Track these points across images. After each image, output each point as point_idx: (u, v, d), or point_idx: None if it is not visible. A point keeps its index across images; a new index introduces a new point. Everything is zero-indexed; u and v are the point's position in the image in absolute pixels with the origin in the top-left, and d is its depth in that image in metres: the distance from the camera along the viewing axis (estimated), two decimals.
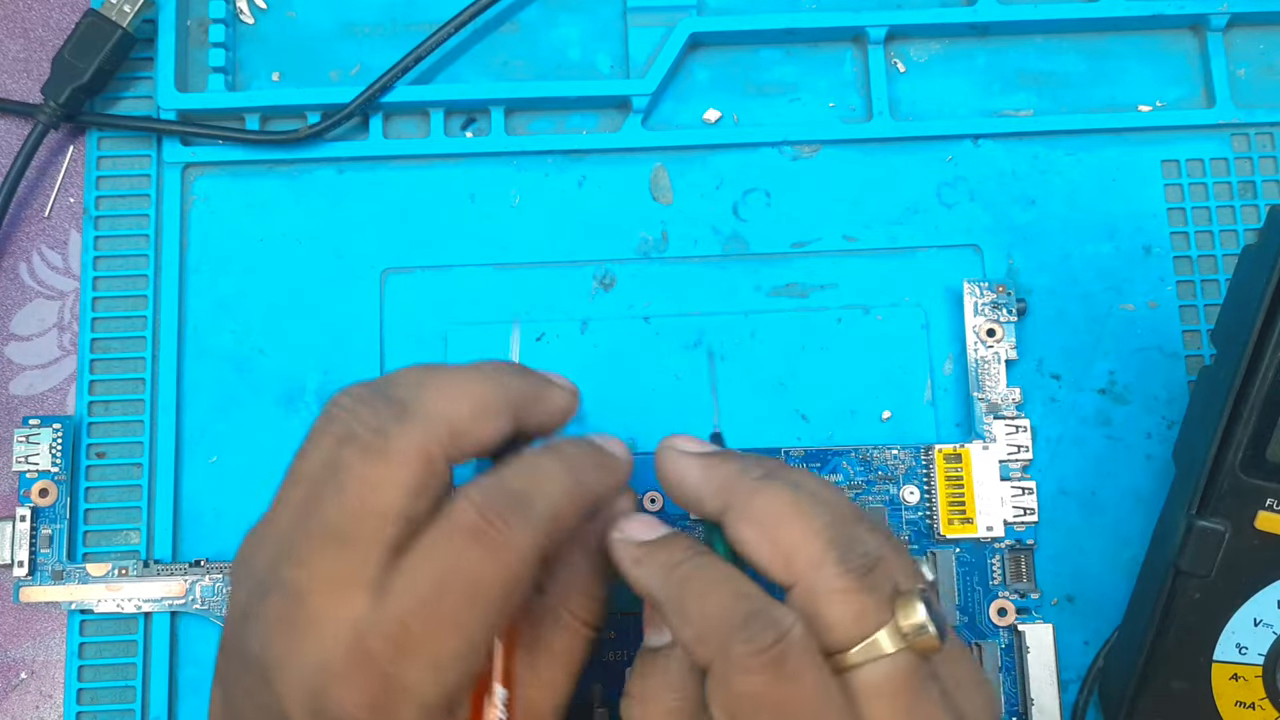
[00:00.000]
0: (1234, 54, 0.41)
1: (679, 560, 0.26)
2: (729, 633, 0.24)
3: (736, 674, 0.24)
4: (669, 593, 0.26)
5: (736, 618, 0.24)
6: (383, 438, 0.25)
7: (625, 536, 0.28)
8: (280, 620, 0.25)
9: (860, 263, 0.40)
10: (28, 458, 0.37)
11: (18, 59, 0.42)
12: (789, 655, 0.24)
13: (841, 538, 0.25)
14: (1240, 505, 0.33)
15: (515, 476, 0.26)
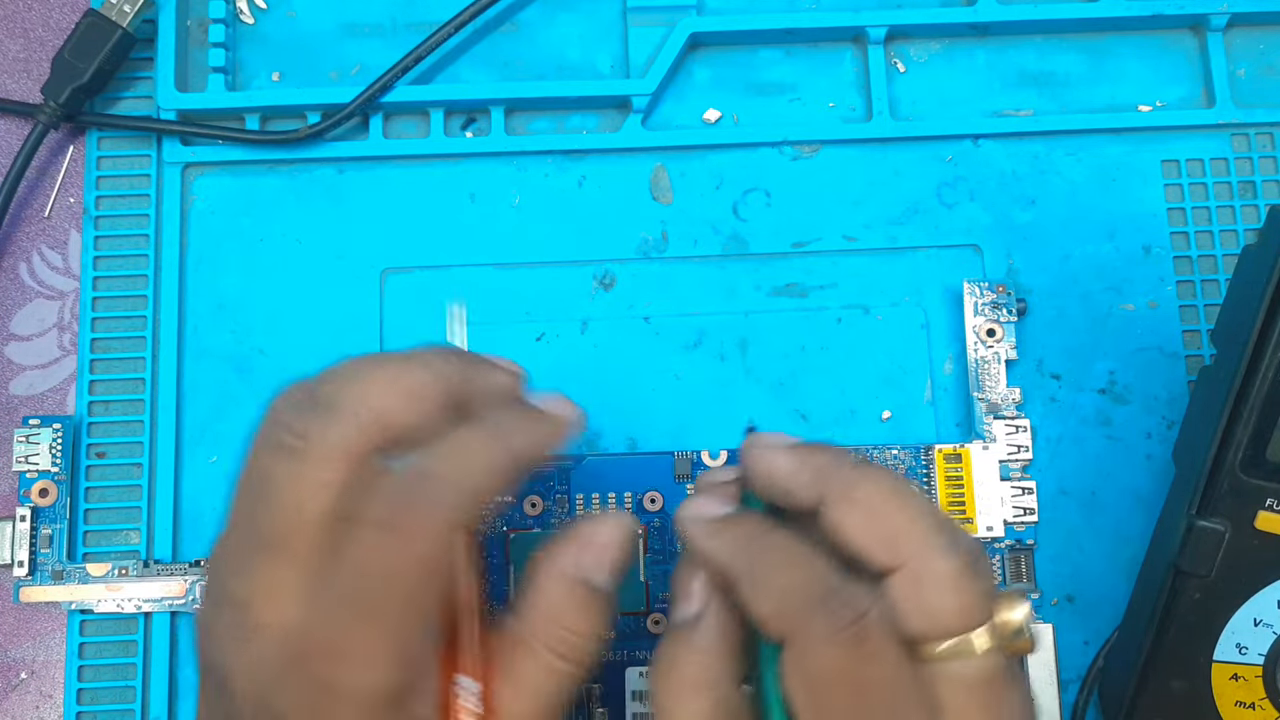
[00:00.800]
0: (1234, 54, 0.41)
1: (756, 534, 0.26)
2: (810, 607, 0.24)
3: (817, 648, 0.24)
4: (746, 565, 0.25)
5: (817, 593, 0.24)
6: (304, 440, 0.25)
7: (697, 513, 0.27)
8: (229, 630, 0.25)
9: (860, 263, 0.40)
10: (28, 457, 0.37)
11: (18, 59, 0.42)
12: (870, 634, 0.24)
13: (947, 526, 0.25)
14: (1240, 505, 0.33)
15: (427, 456, 0.25)
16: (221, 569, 0.26)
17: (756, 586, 0.25)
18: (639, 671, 0.36)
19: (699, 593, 0.26)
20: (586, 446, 0.38)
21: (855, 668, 0.23)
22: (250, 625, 0.24)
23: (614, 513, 0.29)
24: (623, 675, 0.36)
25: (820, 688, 0.24)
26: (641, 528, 0.37)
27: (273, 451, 0.25)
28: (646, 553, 0.37)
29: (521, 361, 0.39)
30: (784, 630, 0.24)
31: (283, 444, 0.25)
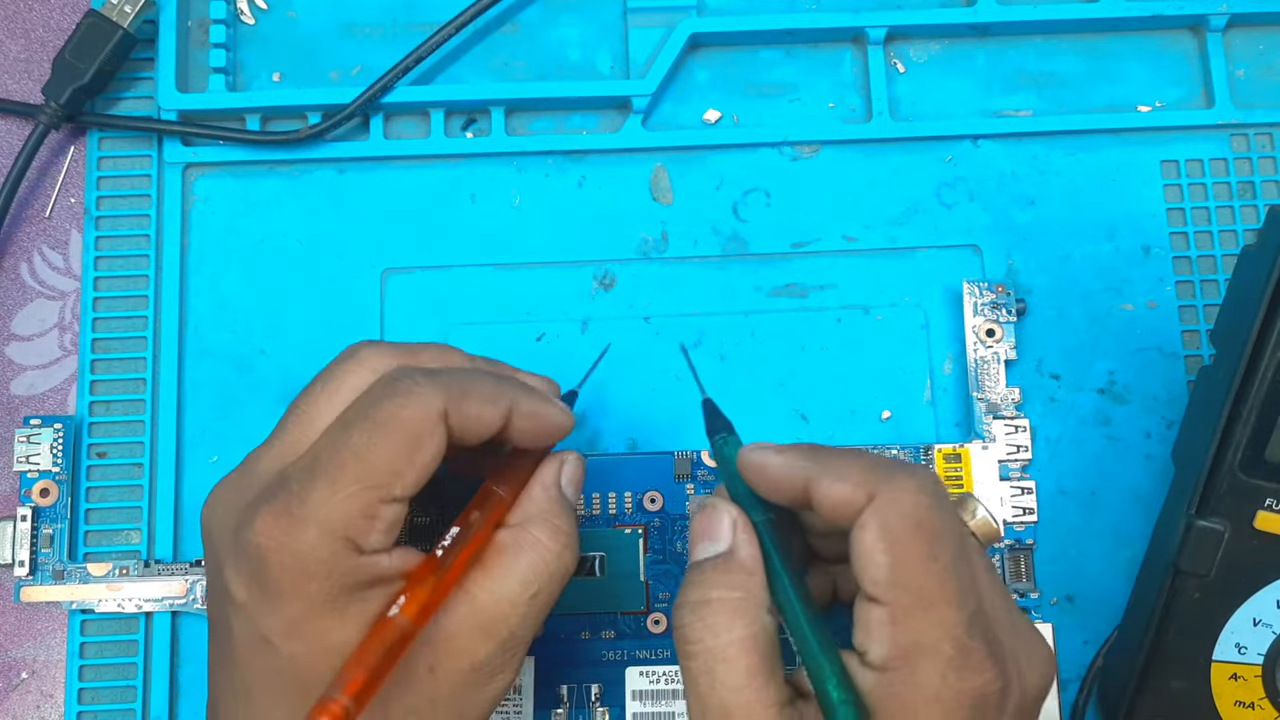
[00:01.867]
0: (1233, 54, 0.42)
1: (817, 448, 0.29)
2: (893, 470, 0.27)
3: (905, 496, 0.26)
4: (819, 464, 0.28)
5: (890, 463, 0.28)
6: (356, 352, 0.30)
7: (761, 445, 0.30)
8: (228, 483, 0.29)
9: (860, 263, 0.40)
10: (29, 457, 0.37)
11: (19, 60, 0.42)
12: (943, 495, 0.27)
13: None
14: (1239, 505, 0.33)
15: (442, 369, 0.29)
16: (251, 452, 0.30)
17: (832, 474, 0.27)
18: (639, 671, 0.36)
19: (726, 531, 0.29)
20: (586, 446, 0.39)
21: (933, 516, 0.26)
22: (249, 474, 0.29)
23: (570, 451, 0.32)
24: (623, 675, 0.36)
25: (902, 534, 0.26)
26: (642, 527, 0.37)
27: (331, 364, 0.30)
28: (647, 553, 0.37)
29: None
30: (870, 491, 0.27)
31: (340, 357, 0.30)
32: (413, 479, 0.27)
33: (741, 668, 0.27)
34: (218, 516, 0.29)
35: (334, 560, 0.26)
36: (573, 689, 0.36)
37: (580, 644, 0.36)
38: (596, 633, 0.37)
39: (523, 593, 0.28)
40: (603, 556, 0.37)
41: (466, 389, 0.28)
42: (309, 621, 0.26)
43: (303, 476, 0.27)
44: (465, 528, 0.29)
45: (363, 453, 0.26)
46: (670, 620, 0.36)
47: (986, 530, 0.28)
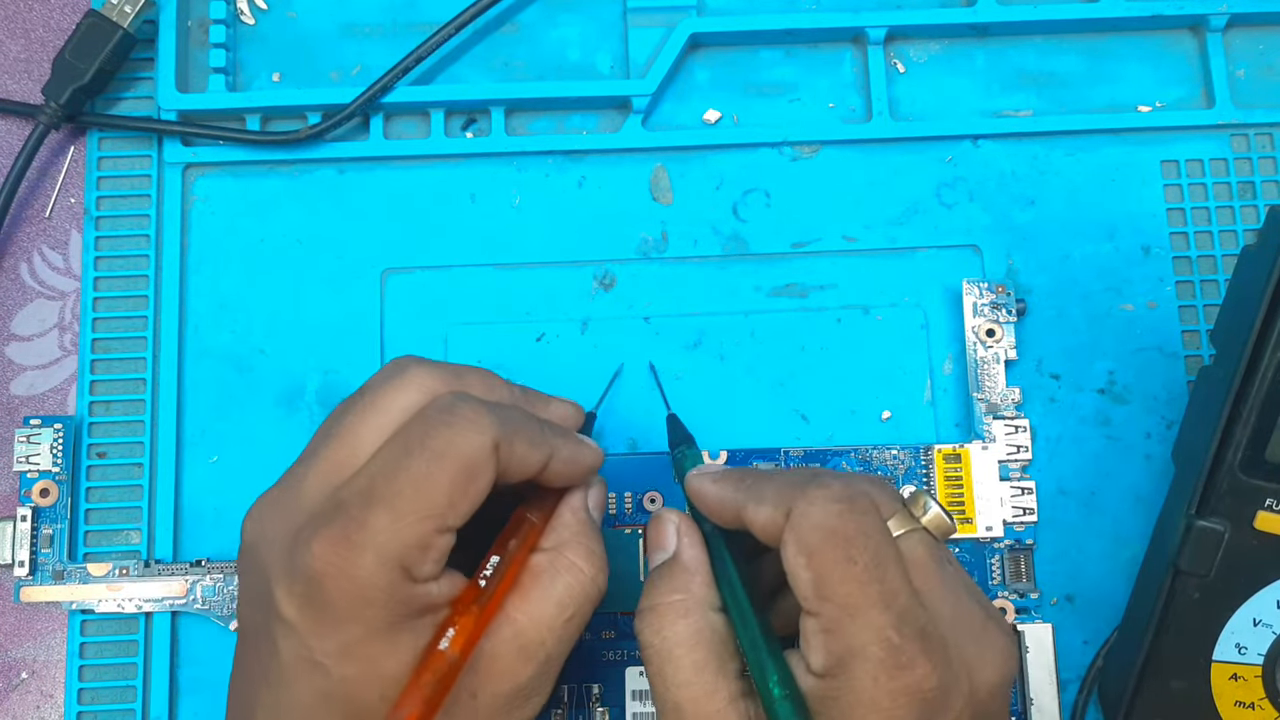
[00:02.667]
0: (1233, 54, 0.42)
1: (748, 475, 0.30)
2: (804, 483, 0.28)
3: (814, 510, 0.27)
4: (745, 490, 0.29)
5: (807, 476, 0.29)
6: (404, 370, 0.30)
7: (701, 471, 0.32)
8: (273, 502, 0.29)
9: (860, 263, 0.40)
10: (29, 458, 0.37)
11: (19, 60, 0.42)
12: (856, 498, 0.28)
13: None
14: (1239, 505, 0.33)
15: (493, 402, 0.29)
16: (292, 467, 0.30)
17: (754, 499, 0.29)
18: (639, 671, 0.36)
19: (671, 539, 0.31)
20: None
21: (845, 524, 0.27)
22: (298, 493, 0.28)
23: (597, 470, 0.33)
24: (623, 675, 0.36)
25: (817, 547, 0.27)
26: (642, 527, 0.37)
27: (375, 378, 0.30)
28: (647, 553, 0.37)
29: (521, 361, 0.39)
30: (782, 508, 0.28)
31: (386, 371, 0.30)
32: (466, 509, 0.27)
33: (687, 664, 0.28)
34: (266, 534, 0.28)
35: (391, 588, 0.26)
36: (572, 689, 0.36)
37: (580, 644, 0.36)
38: (596, 633, 0.37)
39: (559, 615, 0.29)
40: None
41: (517, 428, 0.29)
42: (363, 646, 0.27)
43: (360, 501, 0.27)
44: (504, 556, 0.29)
45: (422, 482, 0.27)
46: None
47: (939, 525, 0.29)
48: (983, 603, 0.29)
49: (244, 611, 0.29)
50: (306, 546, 0.27)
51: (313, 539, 0.26)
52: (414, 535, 0.26)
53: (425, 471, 0.27)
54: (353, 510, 0.27)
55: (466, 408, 0.28)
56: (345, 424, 0.29)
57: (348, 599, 0.26)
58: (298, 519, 0.28)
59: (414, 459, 0.27)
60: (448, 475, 0.27)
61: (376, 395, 0.29)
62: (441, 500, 0.27)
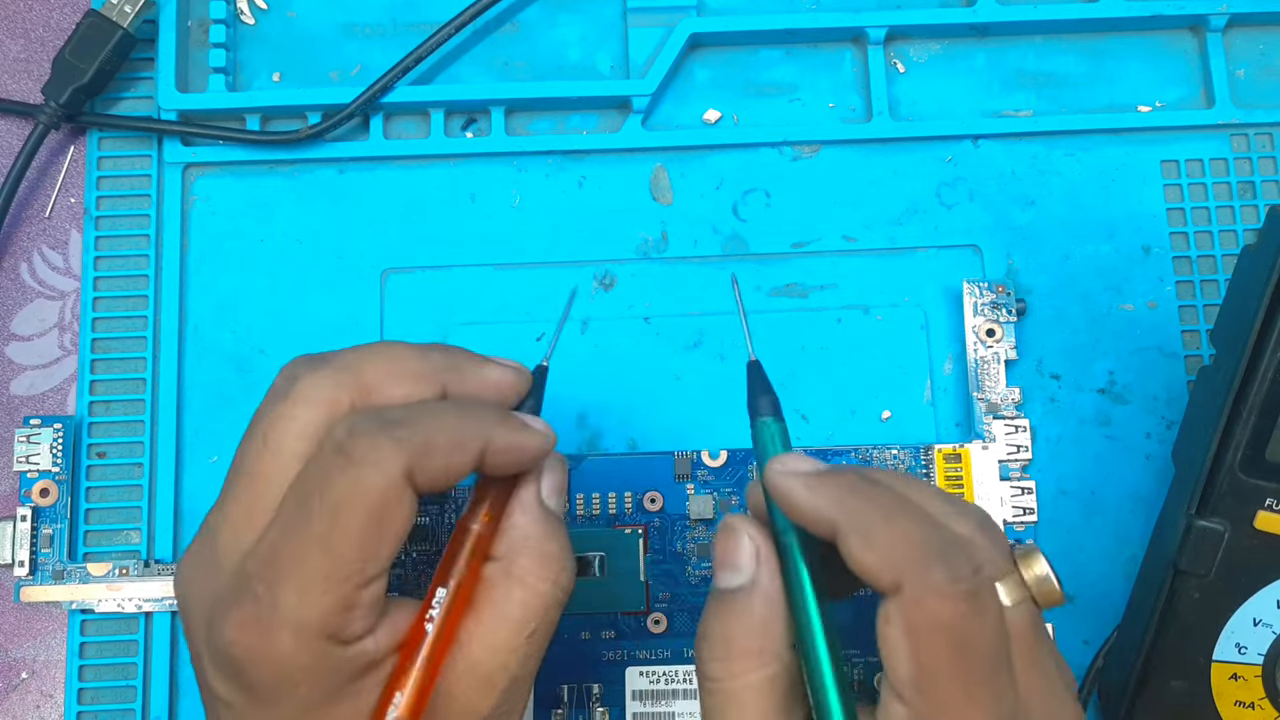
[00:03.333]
0: (1233, 54, 0.42)
1: (860, 484, 0.25)
2: (928, 557, 0.24)
3: (932, 599, 0.23)
4: (851, 516, 0.25)
5: (935, 544, 0.24)
6: (291, 383, 0.26)
7: (793, 468, 0.26)
8: (192, 560, 0.27)
9: (860, 263, 0.40)
10: (28, 457, 0.37)
11: (18, 59, 0.42)
12: (984, 589, 0.24)
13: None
14: (1239, 505, 0.33)
15: (397, 409, 0.26)
16: (209, 513, 0.27)
17: (863, 537, 0.24)
18: (639, 671, 0.36)
19: (748, 561, 0.26)
20: (587, 447, 0.39)
21: (966, 623, 0.23)
22: (213, 553, 0.26)
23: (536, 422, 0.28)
24: (623, 675, 0.36)
25: (928, 640, 0.23)
26: (642, 527, 0.37)
27: (268, 397, 0.27)
28: (647, 552, 0.37)
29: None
30: (894, 580, 0.24)
31: (274, 387, 0.27)
32: (387, 554, 0.25)
33: (755, 712, 0.25)
34: (190, 600, 0.27)
35: (317, 662, 0.24)
36: (573, 689, 0.36)
37: (580, 644, 0.36)
38: (596, 633, 0.37)
39: (518, 635, 0.26)
40: (603, 556, 0.37)
41: (430, 440, 0.25)
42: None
43: (266, 576, 0.24)
44: (449, 582, 0.26)
45: (327, 544, 0.24)
46: (670, 621, 0.37)
47: (1048, 594, 0.25)
48: (1068, 683, 0.26)
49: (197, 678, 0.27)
50: (220, 630, 0.25)
51: (224, 623, 0.25)
52: (330, 602, 0.24)
53: (327, 530, 0.24)
54: (259, 587, 0.24)
55: (362, 440, 0.24)
56: (245, 468, 0.26)
57: (272, 681, 0.24)
58: (214, 586, 0.26)
59: (313, 518, 0.24)
60: (355, 528, 0.24)
61: (265, 426, 0.26)
62: (354, 555, 0.24)
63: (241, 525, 0.26)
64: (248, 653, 0.24)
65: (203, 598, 0.26)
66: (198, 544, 0.27)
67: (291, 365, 0.27)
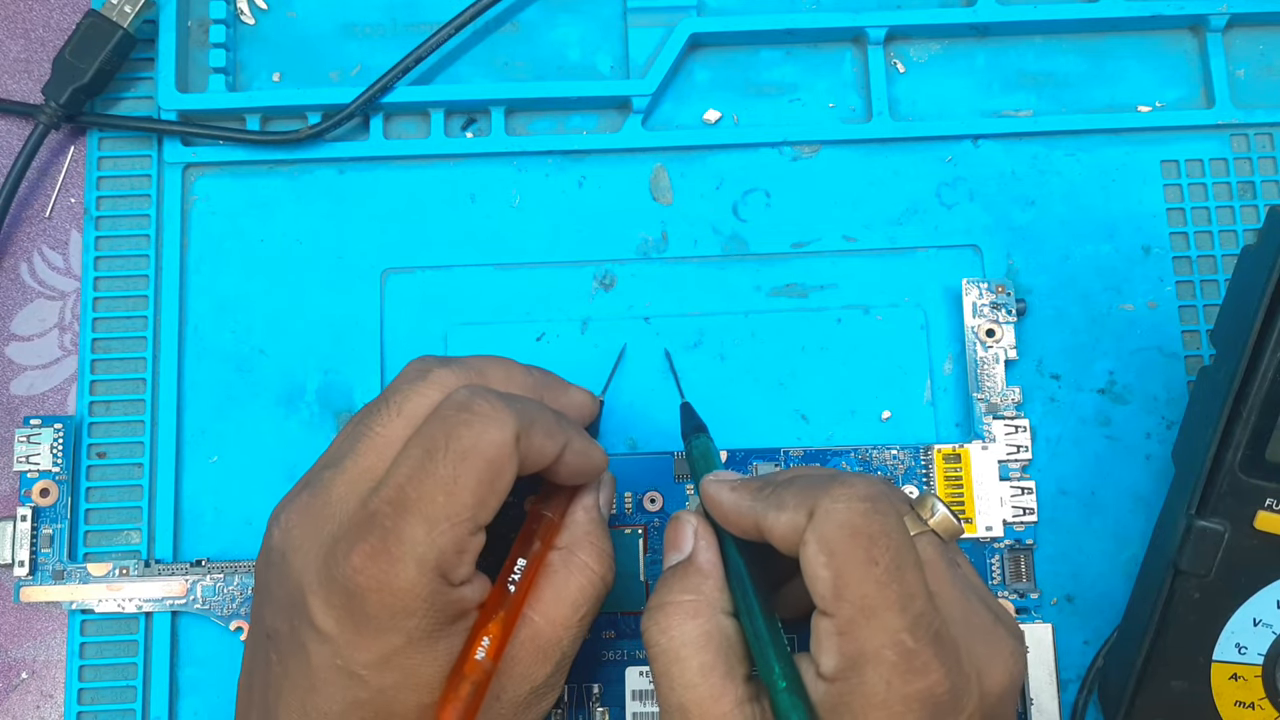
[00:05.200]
0: (1233, 54, 0.42)
1: (766, 486, 0.29)
2: (826, 484, 0.27)
3: (838, 507, 0.27)
4: (764, 500, 0.29)
5: (826, 477, 0.28)
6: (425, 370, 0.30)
7: (720, 478, 0.31)
8: (302, 510, 0.28)
9: (860, 263, 0.40)
10: (29, 457, 0.37)
11: (18, 59, 0.42)
12: (879, 498, 0.27)
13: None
14: (1239, 505, 0.33)
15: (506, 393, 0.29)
16: (312, 470, 0.30)
17: (775, 508, 0.28)
18: (639, 671, 0.36)
19: (688, 538, 0.31)
20: None
21: (868, 521, 0.26)
22: (327, 501, 0.28)
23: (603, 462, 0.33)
24: (623, 675, 0.36)
25: (838, 544, 0.26)
26: (641, 527, 0.37)
27: (399, 379, 0.30)
28: (647, 552, 0.37)
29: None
30: (804, 512, 0.27)
31: (406, 373, 0.30)
32: (495, 505, 0.28)
33: (694, 665, 0.28)
34: (296, 543, 0.28)
35: (432, 596, 0.27)
36: (573, 689, 0.36)
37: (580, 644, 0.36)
38: (596, 633, 0.37)
39: (574, 614, 0.30)
40: None
41: (534, 419, 0.29)
42: (403, 656, 0.27)
43: (392, 511, 0.27)
44: (527, 556, 0.30)
45: (450, 487, 0.27)
46: None
47: (947, 527, 0.28)
48: (992, 604, 0.29)
49: (266, 615, 0.29)
50: (345, 559, 0.27)
51: (350, 552, 0.26)
52: (450, 541, 0.27)
53: (452, 474, 0.27)
54: (386, 521, 0.27)
55: (484, 403, 0.28)
56: (371, 428, 0.29)
57: (389, 611, 0.26)
58: (330, 529, 0.28)
59: (439, 463, 0.27)
60: (474, 475, 0.27)
61: (400, 399, 0.29)
62: (471, 501, 0.27)
63: (360, 479, 0.28)
64: (371, 580, 0.26)
65: (314, 539, 0.28)
66: (306, 496, 0.29)
67: (422, 360, 0.30)
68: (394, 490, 0.27)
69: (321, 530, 0.28)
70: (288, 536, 0.28)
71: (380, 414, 0.29)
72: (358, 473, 0.28)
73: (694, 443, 0.34)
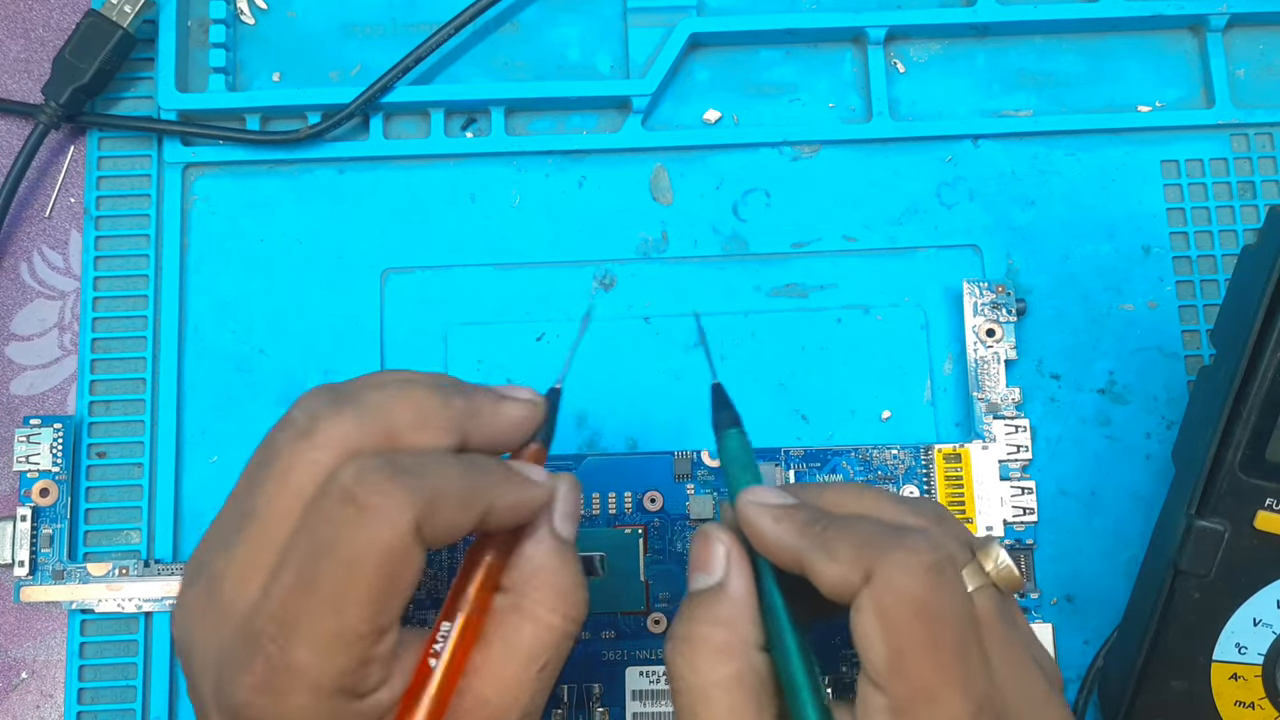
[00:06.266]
0: (1233, 54, 0.42)
1: (819, 516, 0.27)
2: (888, 546, 0.25)
3: (898, 577, 0.24)
4: (813, 540, 0.26)
5: (892, 532, 0.25)
6: (313, 422, 0.25)
7: (760, 500, 0.27)
8: (196, 606, 0.26)
9: (860, 263, 0.40)
10: (28, 457, 0.37)
11: (19, 59, 0.42)
12: (945, 564, 0.25)
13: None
14: (1240, 505, 0.33)
15: (406, 456, 0.25)
16: (206, 543, 0.26)
17: (824, 555, 0.25)
18: (639, 671, 0.36)
19: (720, 562, 0.27)
20: (587, 447, 0.39)
21: (933, 596, 0.24)
22: (218, 602, 0.25)
23: (562, 475, 0.28)
24: (623, 675, 0.36)
25: (898, 619, 0.24)
26: (642, 527, 0.37)
27: (282, 428, 0.26)
28: (647, 552, 0.37)
29: (521, 362, 0.39)
30: (862, 573, 0.24)
31: (293, 422, 0.26)
32: (398, 606, 0.24)
33: (724, 708, 0.26)
34: (193, 656, 0.26)
35: (335, 717, 0.24)
36: (573, 689, 0.36)
37: (580, 644, 0.36)
38: (596, 633, 0.37)
39: (528, 669, 0.26)
40: (603, 556, 0.37)
41: (437, 495, 0.24)
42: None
43: (278, 635, 0.24)
44: (456, 615, 0.26)
45: (338, 603, 0.23)
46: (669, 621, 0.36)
47: (1009, 580, 0.26)
48: (1045, 665, 0.27)
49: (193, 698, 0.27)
50: (233, 691, 0.24)
51: (236, 685, 0.24)
52: (345, 661, 0.24)
53: (339, 589, 0.23)
54: (271, 646, 0.24)
55: (373, 493, 0.24)
56: (256, 506, 0.25)
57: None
58: (220, 638, 0.25)
59: (323, 575, 0.23)
60: (365, 586, 0.23)
61: (284, 467, 0.25)
62: (366, 614, 0.24)
63: (249, 571, 0.25)
64: (262, 713, 0.24)
65: (208, 650, 0.25)
66: (199, 591, 0.26)
67: (311, 398, 0.26)
68: (276, 607, 0.24)
69: (218, 633, 0.25)
70: (188, 635, 0.26)
71: (265, 488, 0.25)
72: (247, 564, 0.25)
73: (727, 439, 0.30)
